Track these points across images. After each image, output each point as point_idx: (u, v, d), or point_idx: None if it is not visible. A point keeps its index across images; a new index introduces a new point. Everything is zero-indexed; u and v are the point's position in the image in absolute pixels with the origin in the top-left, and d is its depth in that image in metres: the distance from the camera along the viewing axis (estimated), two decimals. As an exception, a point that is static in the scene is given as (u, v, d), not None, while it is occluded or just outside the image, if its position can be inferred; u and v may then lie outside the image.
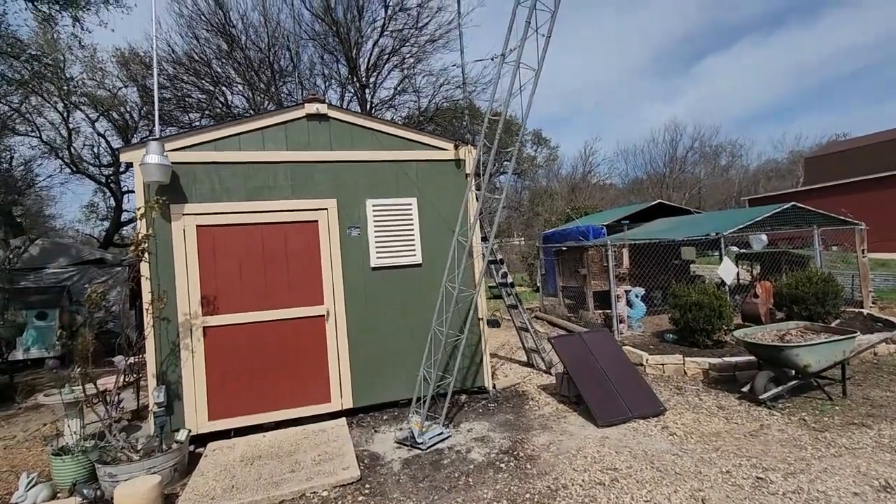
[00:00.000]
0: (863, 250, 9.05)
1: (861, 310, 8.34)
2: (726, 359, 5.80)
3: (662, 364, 6.14)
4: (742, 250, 9.92)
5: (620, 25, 61.92)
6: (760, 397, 4.72)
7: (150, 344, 4.46)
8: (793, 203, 9.04)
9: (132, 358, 4.46)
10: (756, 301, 7.40)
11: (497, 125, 4.44)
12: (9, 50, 9.85)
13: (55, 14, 9.69)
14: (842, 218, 9.37)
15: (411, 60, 14.07)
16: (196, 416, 4.55)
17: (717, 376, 5.71)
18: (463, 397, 5.43)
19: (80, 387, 4.20)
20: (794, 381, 4.78)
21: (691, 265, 11.67)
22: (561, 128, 53.84)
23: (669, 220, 11.31)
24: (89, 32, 12.09)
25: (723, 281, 8.05)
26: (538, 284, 13.19)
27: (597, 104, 60.29)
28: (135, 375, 5.33)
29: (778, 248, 11.02)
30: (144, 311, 4.31)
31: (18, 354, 8.40)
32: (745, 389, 5.02)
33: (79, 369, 3.86)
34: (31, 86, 12.39)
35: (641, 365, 6.21)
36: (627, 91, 62.44)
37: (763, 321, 7.32)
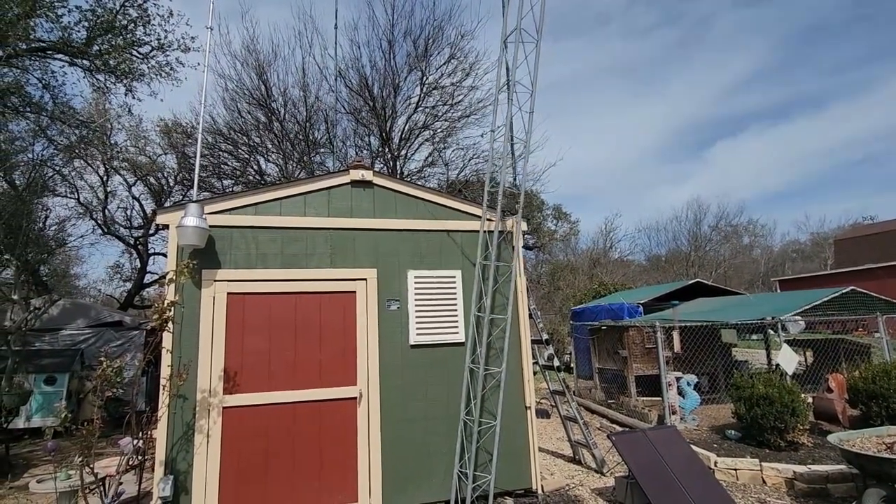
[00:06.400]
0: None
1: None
2: (814, 468, 4.99)
3: (735, 469, 5.33)
4: (784, 335, 9.18)
5: (636, 112, 64.70)
6: (873, 522, 3.93)
7: (161, 425, 3.96)
8: (851, 287, 8.42)
9: (139, 442, 3.94)
10: (830, 396, 6.60)
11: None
12: (61, 116, 10.28)
13: (110, 85, 10.17)
14: (906, 305, 8.67)
15: (442, 134, 14.38)
16: (204, 515, 3.93)
17: (806, 488, 4.87)
18: (508, 502, 4.69)
19: (78, 473, 3.67)
20: (914, 504, 3.99)
21: (732, 349, 10.86)
22: (580, 204, 54.61)
23: (714, 300, 10.67)
24: (139, 101, 12.70)
25: (783, 372, 7.27)
26: (571, 364, 12.39)
27: (615, 183, 61.60)
28: (140, 458, 4.77)
29: (819, 334, 10.20)
30: (161, 388, 3.85)
31: (20, 422, 7.86)
32: (849, 510, 4.22)
33: (79, 459, 3.35)
34: (77, 150, 12.85)
35: (710, 468, 5.40)
36: (644, 172, 63.85)
37: (840, 420, 6.49)
